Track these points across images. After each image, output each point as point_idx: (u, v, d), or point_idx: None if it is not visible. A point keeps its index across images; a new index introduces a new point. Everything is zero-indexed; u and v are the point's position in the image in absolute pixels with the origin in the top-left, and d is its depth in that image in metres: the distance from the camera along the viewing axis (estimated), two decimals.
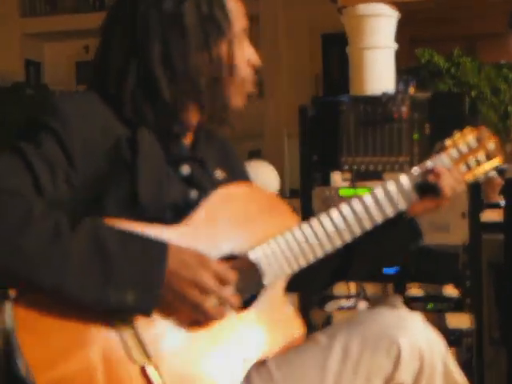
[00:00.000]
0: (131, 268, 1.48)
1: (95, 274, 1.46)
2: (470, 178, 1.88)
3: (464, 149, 1.87)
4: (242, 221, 1.66)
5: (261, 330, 1.64)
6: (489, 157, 1.89)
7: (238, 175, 1.86)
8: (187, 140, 1.75)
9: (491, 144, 1.90)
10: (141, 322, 1.52)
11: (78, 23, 14.05)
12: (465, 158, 1.87)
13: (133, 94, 1.65)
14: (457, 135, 1.88)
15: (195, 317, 1.54)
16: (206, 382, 1.56)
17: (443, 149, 1.86)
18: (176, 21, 1.65)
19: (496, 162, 1.90)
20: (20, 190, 1.50)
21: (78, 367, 1.47)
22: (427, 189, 1.82)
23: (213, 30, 1.67)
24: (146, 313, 1.50)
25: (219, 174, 1.80)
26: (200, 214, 1.62)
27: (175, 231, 1.59)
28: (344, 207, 1.74)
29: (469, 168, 1.87)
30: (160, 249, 1.52)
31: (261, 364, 1.62)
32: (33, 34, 14.83)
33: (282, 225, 1.69)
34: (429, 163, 1.84)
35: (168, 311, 1.53)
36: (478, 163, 1.88)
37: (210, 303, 1.53)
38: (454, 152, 1.86)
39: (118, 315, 1.51)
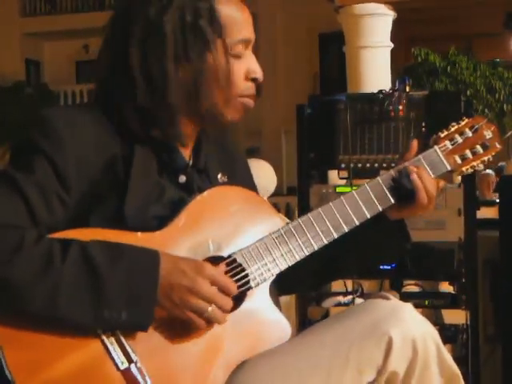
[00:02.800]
0: (123, 287, 1.49)
1: (88, 297, 1.47)
2: (468, 168, 1.84)
3: (459, 140, 1.82)
4: (226, 222, 1.65)
5: (247, 331, 1.63)
6: (486, 146, 1.84)
7: (240, 178, 1.85)
8: (187, 149, 1.74)
9: (488, 133, 1.85)
10: None
11: (77, 23, 14.08)
12: (460, 149, 1.82)
13: (120, 106, 1.65)
14: (452, 126, 1.84)
15: (196, 323, 1.54)
16: (191, 382, 1.57)
17: (437, 141, 1.82)
18: (157, 28, 1.62)
19: (494, 150, 1.85)
20: (13, 222, 1.51)
21: (61, 374, 1.49)
22: (403, 193, 1.77)
23: (195, 40, 1.63)
24: (143, 329, 1.52)
25: (221, 178, 1.79)
26: (185, 216, 1.61)
27: (160, 235, 1.59)
28: (323, 209, 1.72)
29: (464, 159, 1.82)
30: (152, 263, 1.52)
31: (249, 360, 1.61)
32: (33, 34, 14.84)
33: (266, 225, 1.68)
34: (405, 164, 1.78)
35: (157, 316, 1.53)
36: (475, 154, 1.83)
37: (211, 309, 1.53)
38: (447, 144, 1.81)
39: None
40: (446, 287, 3.31)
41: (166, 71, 1.63)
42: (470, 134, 1.84)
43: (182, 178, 1.70)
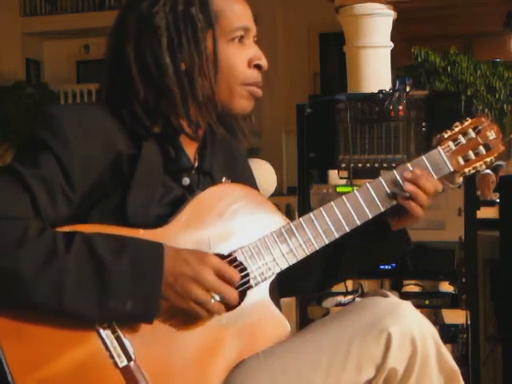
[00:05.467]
0: (128, 277, 1.50)
1: (93, 288, 1.48)
2: (470, 170, 1.82)
3: (462, 140, 1.81)
4: (228, 220, 1.65)
5: (246, 330, 1.63)
6: (489, 147, 1.83)
7: (243, 181, 1.84)
8: (193, 150, 1.74)
9: (491, 133, 1.84)
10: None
11: (77, 23, 14.08)
12: (463, 150, 1.81)
13: (124, 103, 1.66)
14: (456, 127, 1.83)
15: (197, 312, 1.55)
16: (190, 380, 1.58)
17: (440, 142, 1.81)
18: (149, 21, 1.63)
19: (496, 151, 1.83)
20: (18, 214, 1.51)
21: (59, 371, 1.50)
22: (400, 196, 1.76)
23: (187, 28, 1.64)
24: (148, 320, 1.52)
25: (225, 181, 1.80)
26: (186, 214, 1.62)
27: (162, 232, 1.59)
28: (325, 209, 1.72)
29: (466, 160, 1.81)
30: (156, 253, 1.53)
31: (248, 358, 1.62)
32: (33, 34, 14.84)
33: (268, 224, 1.68)
34: (407, 165, 1.77)
35: (162, 311, 1.54)
36: (477, 154, 1.82)
37: (214, 301, 1.54)
38: (451, 145, 1.80)
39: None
40: (446, 287, 3.31)
41: (162, 63, 1.63)
42: (473, 134, 1.82)
43: (186, 181, 1.70)
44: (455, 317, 3.27)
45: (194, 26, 1.64)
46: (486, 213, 3.72)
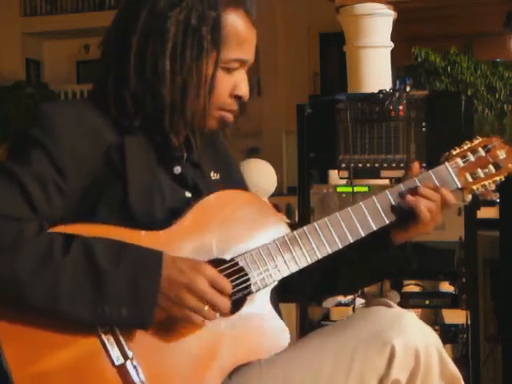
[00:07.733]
0: (125, 285, 1.50)
1: (89, 293, 1.48)
2: (478, 187, 1.81)
3: (471, 158, 1.81)
4: (231, 226, 1.65)
5: (245, 336, 1.63)
6: (499, 166, 1.82)
7: (232, 177, 1.86)
8: (179, 141, 1.74)
9: (502, 153, 1.83)
10: None
11: (78, 23, 14.08)
12: (471, 167, 1.81)
13: (114, 91, 1.66)
14: (465, 144, 1.83)
15: (193, 319, 1.54)
16: (187, 380, 1.58)
17: (448, 158, 1.81)
18: (160, 21, 1.63)
19: (506, 171, 1.83)
20: (13, 213, 1.52)
21: (56, 367, 1.50)
22: (406, 212, 1.76)
23: (193, 44, 1.64)
24: (143, 327, 1.53)
25: (213, 175, 1.80)
26: (190, 218, 1.62)
27: (164, 235, 1.60)
28: (329, 219, 1.72)
29: (475, 178, 1.81)
30: (154, 262, 1.53)
31: (250, 368, 1.62)
32: (33, 34, 14.84)
33: (271, 232, 1.68)
34: (414, 180, 1.77)
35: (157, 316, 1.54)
36: (486, 173, 1.81)
37: (207, 309, 1.54)
38: (459, 161, 1.80)
39: None
40: (446, 287, 3.31)
41: (159, 67, 1.64)
42: (482, 153, 1.82)
43: (178, 170, 1.70)
44: (455, 317, 3.28)
45: (200, 46, 1.65)
46: (486, 213, 3.72)
